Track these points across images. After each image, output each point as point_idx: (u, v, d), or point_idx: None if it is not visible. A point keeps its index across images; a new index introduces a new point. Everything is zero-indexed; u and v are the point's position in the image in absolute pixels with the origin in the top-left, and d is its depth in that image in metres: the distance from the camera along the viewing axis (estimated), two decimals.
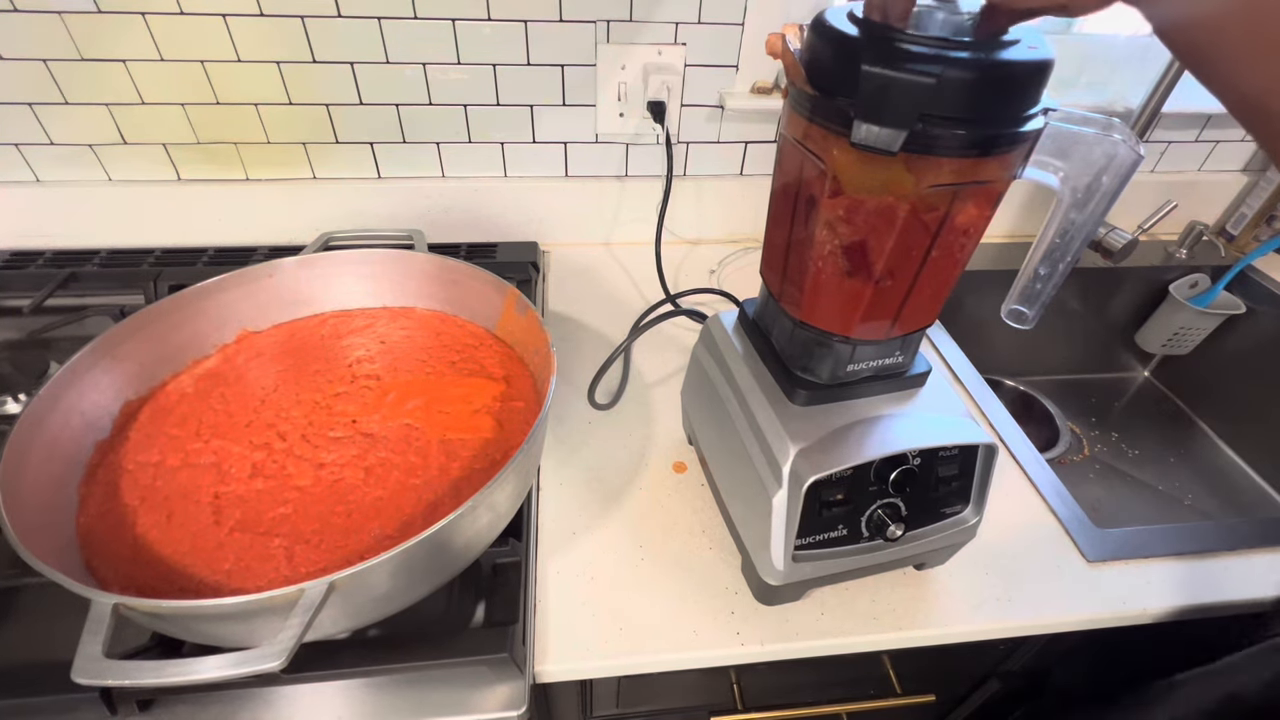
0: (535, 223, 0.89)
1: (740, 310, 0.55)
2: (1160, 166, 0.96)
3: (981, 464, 0.49)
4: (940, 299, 0.44)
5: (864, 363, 0.47)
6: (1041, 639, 0.59)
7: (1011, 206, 0.95)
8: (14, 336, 0.68)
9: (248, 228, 0.84)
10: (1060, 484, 0.62)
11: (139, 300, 0.72)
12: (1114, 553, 0.56)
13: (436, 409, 0.55)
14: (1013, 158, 0.36)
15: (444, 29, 0.73)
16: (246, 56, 0.72)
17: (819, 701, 0.59)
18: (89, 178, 0.79)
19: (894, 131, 0.32)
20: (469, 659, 0.44)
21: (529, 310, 0.57)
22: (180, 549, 0.45)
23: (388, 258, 0.64)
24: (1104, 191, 0.36)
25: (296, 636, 0.34)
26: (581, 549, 0.55)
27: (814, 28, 0.37)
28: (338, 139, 0.80)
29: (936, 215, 0.37)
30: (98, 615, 0.34)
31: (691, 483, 0.61)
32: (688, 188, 0.88)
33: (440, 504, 0.47)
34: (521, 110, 0.80)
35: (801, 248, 0.42)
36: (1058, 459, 0.92)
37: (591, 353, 0.74)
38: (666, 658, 0.49)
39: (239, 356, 0.59)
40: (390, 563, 0.37)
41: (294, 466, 0.50)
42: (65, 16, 0.68)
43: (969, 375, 0.74)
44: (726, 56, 0.79)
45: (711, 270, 0.89)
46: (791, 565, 0.47)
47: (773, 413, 0.48)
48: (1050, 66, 0.34)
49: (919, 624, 0.51)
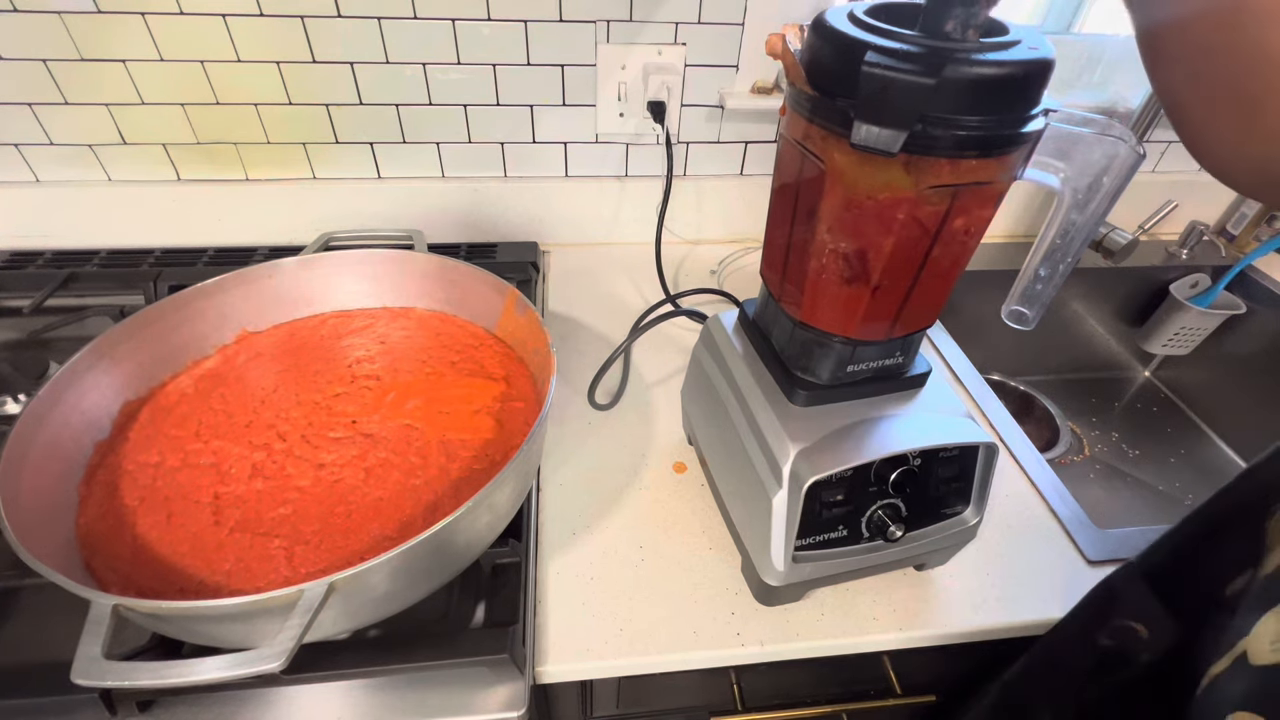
0: (535, 223, 0.89)
1: (740, 310, 0.55)
2: (1161, 166, 0.96)
3: (981, 464, 0.49)
4: (940, 299, 0.44)
5: (864, 363, 0.46)
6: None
7: (1011, 206, 0.95)
8: (14, 336, 0.68)
9: (248, 228, 0.84)
10: (1060, 484, 0.62)
11: (139, 300, 0.72)
12: (1114, 553, 0.56)
13: (436, 409, 0.55)
14: (1013, 158, 0.36)
15: (444, 29, 0.73)
16: (246, 56, 0.72)
17: (819, 701, 0.59)
18: (89, 178, 0.79)
19: (894, 132, 0.32)
20: (469, 659, 0.44)
21: (529, 310, 0.57)
22: (180, 549, 0.45)
23: (388, 258, 0.64)
24: (1105, 192, 0.36)
25: (296, 637, 0.34)
26: (581, 549, 0.55)
27: (814, 28, 0.36)
28: (338, 139, 0.80)
29: (936, 216, 0.37)
30: (97, 616, 0.34)
31: (691, 483, 0.61)
32: (688, 188, 0.88)
33: (440, 504, 0.47)
34: (521, 110, 0.80)
35: (801, 248, 0.42)
36: (1058, 459, 0.91)
37: (591, 353, 0.74)
38: (666, 658, 0.49)
39: (239, 357, 0.59)
40: (390, 563, 0.37)
41: (294, 467, 0.50)
42: (65, 16, 0.68)
43: (969, 375, 0.74)
44: (726, 56, 0.79)
45: (711, 270, 0.89)
46: (791, 566, 0.47)
47: (773, 413, 0.47)
48: (1051, 67, 0.34)
49: (919, 624, 0.51)
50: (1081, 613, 0.48)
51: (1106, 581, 0.47)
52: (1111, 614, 0.46)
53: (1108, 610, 0.46)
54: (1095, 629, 0.47)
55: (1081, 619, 0.48)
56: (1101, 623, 0.47)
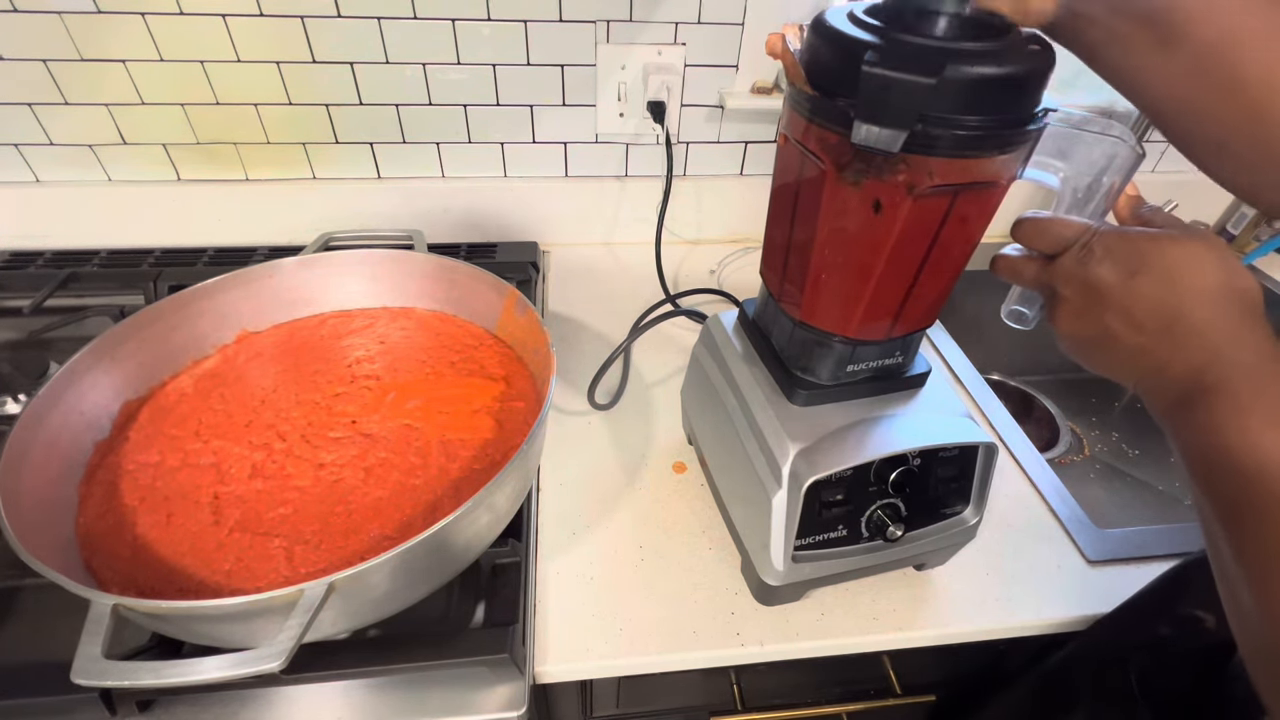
0: (535, 223, 0.89)
1: (740, 310, 0.55)
2: (1160, 166, 0.96)
3: (981, 464, 0.49)
4: (941, 299, 0.44)
5: (864, 363, 0.47)
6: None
7: (1012, 206, 0.95)
8: (14, 336, 0.68)
9: (248, 228, 0.84)
10: (1060, 484, 0.62)
11: (139, 300, 0.72)
12: (1114, 553, 0.56)
13: (436, 409, 0.55)
14: (1013, 158, 0.36)
15: (444, 29, 0.73)
16: (246, 56, 0.72)
17: (819, 701, 0.59)
18: (89, 178, 0.79)
19: (894, 132, 0.32)
20: (469, 659, 0.44)
21: (529, 310, 0.57)
22: (180, 549, 0.45)
23: (388, 258, 0.64)
24: (1105, 191, 0.36)
25: (296, 637, 0.34)
26: (581, 549, 0.55)
27: (814, 28, 0.36)
28: (338, 139, 0.80)
29: (936, 216, 0.37)
30: (97, 616, 0.34)
31: (691, 483, 0.61)
32: (688, 188, 0.88)
33: (440, 504, 0.47)
34: (521, 110, 0.80)
35: (801, 248, 0.42)
36: (1058, 459, 0.91)
37: (591, 353, 0.74)
38: (666, 658, 0.49)
39: (239, 357, 0.59)
40: (390, 563, 0.37)
41: (294, 467, 0.50)
42: (65, 16, 0.68)
43: (969, 375, 0.74)
44: (726, 56, 0.79)
45: (711, 270, 0.89)
46: (791, 566, 0.47)
47: (772, 413, 0.47)
48: (1051, 67, 0.34)
49: (919, 624, 0.51)
50: (1144, 599, 0.48)
51: (1180, 567, 0.47)
52: (1179, 601, 0.46)
53: (1176, 596, 0.46)
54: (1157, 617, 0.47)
55: (1143, 605, 0.48)
56: (1166, 610, 0.46)
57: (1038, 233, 0.36)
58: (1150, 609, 0.47)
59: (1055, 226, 0.36)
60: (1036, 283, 0.37)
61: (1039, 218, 0.36)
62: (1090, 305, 0.34)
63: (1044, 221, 0.36)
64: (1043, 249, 0.36)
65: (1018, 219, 0.37)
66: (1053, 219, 0.36)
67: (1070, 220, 0.35)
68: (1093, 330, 0.34)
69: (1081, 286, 0.34)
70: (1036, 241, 0.37)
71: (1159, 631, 0.46)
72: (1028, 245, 0.37)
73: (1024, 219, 0.37)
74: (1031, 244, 0.37)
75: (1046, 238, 0.36)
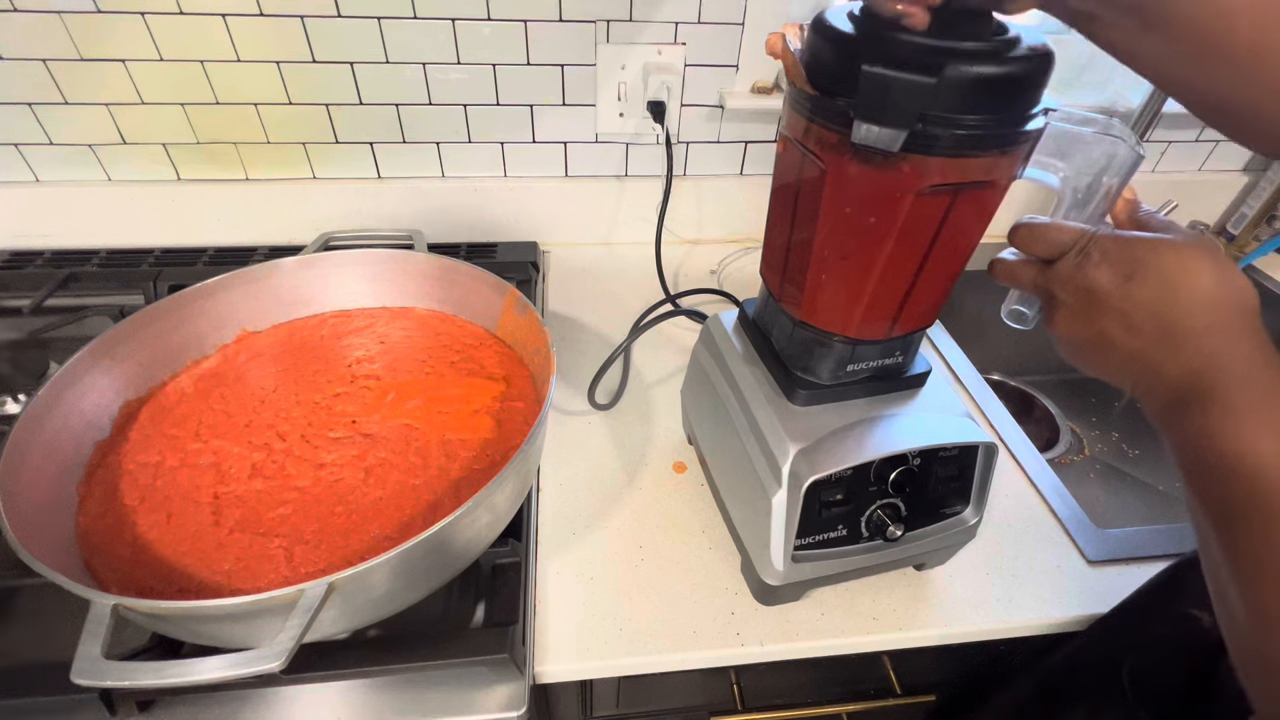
0: (535, 223, 0.89)
1: (740, 310, 0.55)
2: (1160, 166, 0.96)
3: (981, 464, 0.49)
4: (941, 299, 0.44)
5: (864, 363, 0.46)
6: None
7: (1011, 206, 0.95)
8: (14, 336, 0.68)
9: (248, 228, 0.84)
10: (1060, 484, 0.62)
11: (139, 300, 0.72)
12: (1114, 553, 0.56)
13: (436, 409, 0.55)
14: (1013, 158, 0.36)
15: (444, 29, 0.73)
16: (246, 56, 0.72)
17: (819, 701, 0.59)
18: (89, 178, 0.79)
19: (894, 131, 0.32)
20: (469, 659, 0.44)
21: (529, 310, 0.57)
22: (180, 549, 0.45)
23: (387, 258, 0.64)
24: (1104, 191, 0.36)
25: (296, 637, 0.34)
26: (581, 549, 0.55)
27: (814, 27, 0.36)
28: (338, 139, 0.80)
29: (937, 215, 0.37)
30: (97, 616, 0.34)
31: (691, 483, 0.61)
32: (688, 188, 0.88)
33: (440, 504, 0.47)
34: (521, 110, 0.80)
35: (801, 248, 0.42)
36: (1058, 459, 0.91)
37: (591, 353, 0.74)
38: (666, 658, 0.49)
39: (239, 356, 0.59)
40: (390, 563, 0.37)
41: (294, 467, 0.50)
42: (65, 16, 0.68)
43: (969, 375, 0.74)
44: (726, 56, 0.79)
45: (711, 270, 0.89)
46: (791, 565, 0.47)
47: (772, 413, 0.47)
48: (1051, 66, 0.34)
49: (919, 624, 0.51)
50: (1141, 599, 0.48)
51: (1175, 566, 0.47)
52: (1175, 600, 0.46)
53: (1172, 596, 0.46)
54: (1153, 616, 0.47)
55: (1140, 605, 0.48)
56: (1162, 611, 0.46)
57: (1034, 238, 0.36)
58: (1147, 608, 0.48)
59: (1052, 231, 0.36)
60: (1034, 287, 0.37)
61: (1035, 223, 0.36)
62: (1087, 309, 0.34)
63: (1041, 226, 0.36)
64: (1040, 254, 0.36)
65: (1015, 224, 0.37)
66: (1049, 224, 0.36)
67: (1067, 225, 0.35)
68: (1089, 334, 0.34)
69: (1078, 291, 0.34)
70: (1033, 246, 0.37)
71: (1155, 631, 0.46)
72: (1025, 250, 0.37)
73: (1021, 224, 0.37)
74: (1028, 249, 0.37)
75: (1043, 242, 0.36)
